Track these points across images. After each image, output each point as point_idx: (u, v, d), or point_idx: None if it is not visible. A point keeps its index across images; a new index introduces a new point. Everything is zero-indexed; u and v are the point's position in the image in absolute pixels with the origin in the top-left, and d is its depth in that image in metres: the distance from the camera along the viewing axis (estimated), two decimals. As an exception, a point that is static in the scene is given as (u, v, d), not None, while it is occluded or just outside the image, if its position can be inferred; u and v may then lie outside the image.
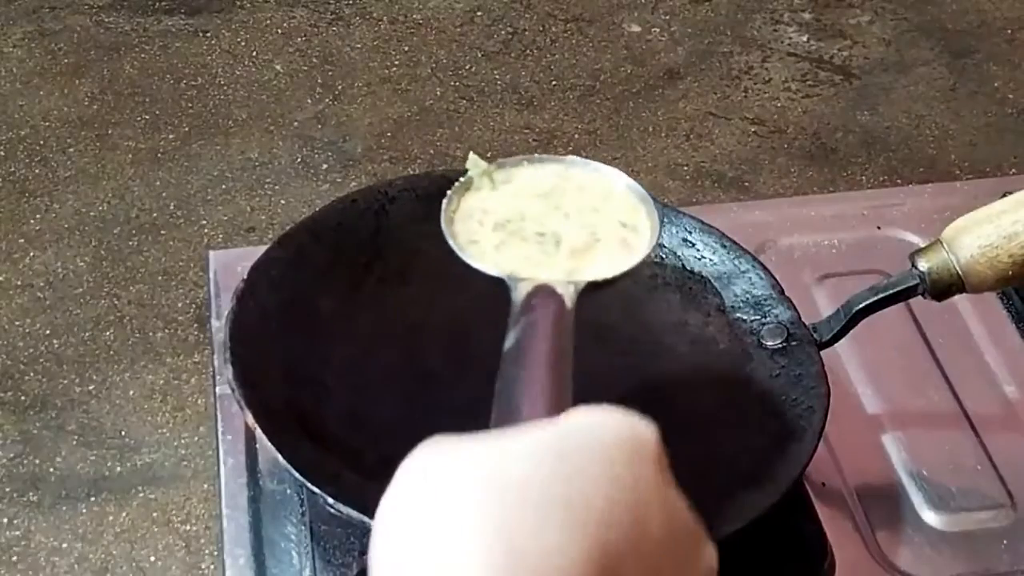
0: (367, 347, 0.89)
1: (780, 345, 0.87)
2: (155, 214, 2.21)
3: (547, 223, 0.77)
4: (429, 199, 0.96)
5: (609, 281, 0.72)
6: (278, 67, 2.53)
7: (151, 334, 2.00)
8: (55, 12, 2.65)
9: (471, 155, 0.79)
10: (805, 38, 2.63)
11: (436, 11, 2.68)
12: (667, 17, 2.68)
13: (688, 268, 0.94)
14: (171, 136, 2.37)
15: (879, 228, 1.08)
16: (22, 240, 2.16)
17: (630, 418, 0.49)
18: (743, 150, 2.36)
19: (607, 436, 0.48)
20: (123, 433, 1.87)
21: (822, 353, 0.87)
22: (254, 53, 2.56)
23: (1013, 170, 2.33)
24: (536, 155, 0.82)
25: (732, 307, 0.91)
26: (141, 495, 1.79)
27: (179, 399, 1.91)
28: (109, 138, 2.36)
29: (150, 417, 1.89)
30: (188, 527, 1.75)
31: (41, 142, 2.35)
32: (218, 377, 0.92)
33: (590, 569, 0.43)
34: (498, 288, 0.94)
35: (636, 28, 2.65)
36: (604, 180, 0.80)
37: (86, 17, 2.63)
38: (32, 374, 1.95)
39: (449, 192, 0.78)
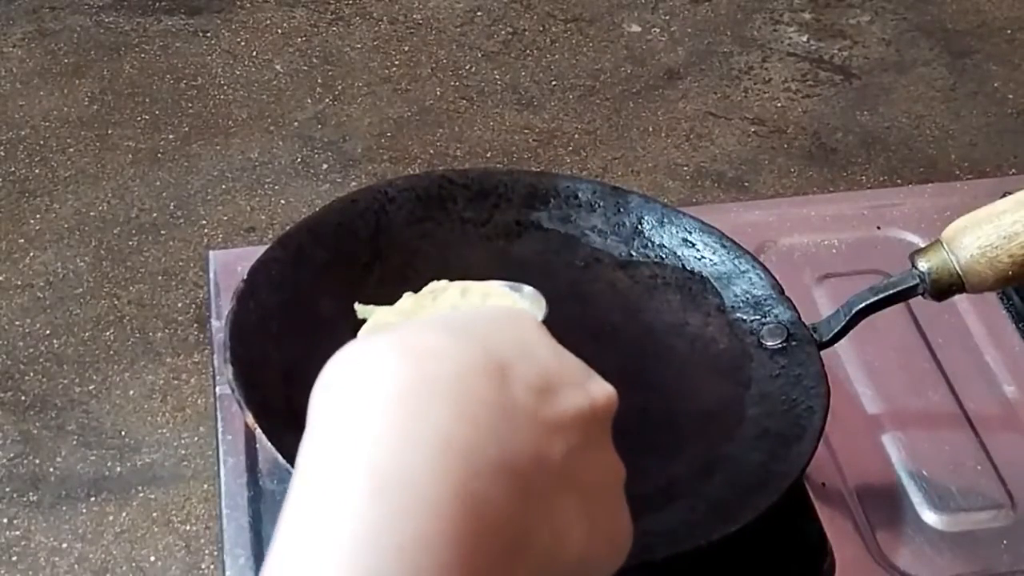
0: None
1: (780, 345, 0.87)
2: (155, 214, 2.21)
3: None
4: (429, 199, 0.96)
5: None
6: (278, 67, 2.53)
7: (151, 334, 2.01)
8: (55, 12, 2.65)
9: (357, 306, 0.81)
10: (805, 38, 2.63)
11: (436, 11, 2.68)
12: (667, 17, 2.68)
13: (688, 268, 0.94)
14: (171, 136, 2.37)
15: (879, 228, 1.07)
16: (22, 240, 2.16)
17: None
18: (743, 150, 2.36)
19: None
20: (123, 433, 1.87)
21: (822, 353, 0.86)
22: (254, 53, 2.56)
23: (1013, 170, 2.34)
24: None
25: (732, 307, 0.91)
26: (141, 495, 1.79)
27: (179, 399, 1.91)
28: (109, 138, 2.36)
29: (150, 417, 1.89)
30: (188, 527, 1.75)
31: (41, 142, 2.35)
32: (218, 377, 0.92)
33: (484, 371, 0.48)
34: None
35: (636, 28, 2.65)
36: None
37: (86, 17, 2.64)
38: (32, 374, 1.95)
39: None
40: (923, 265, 0.85)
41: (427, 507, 0.43)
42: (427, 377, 0.46)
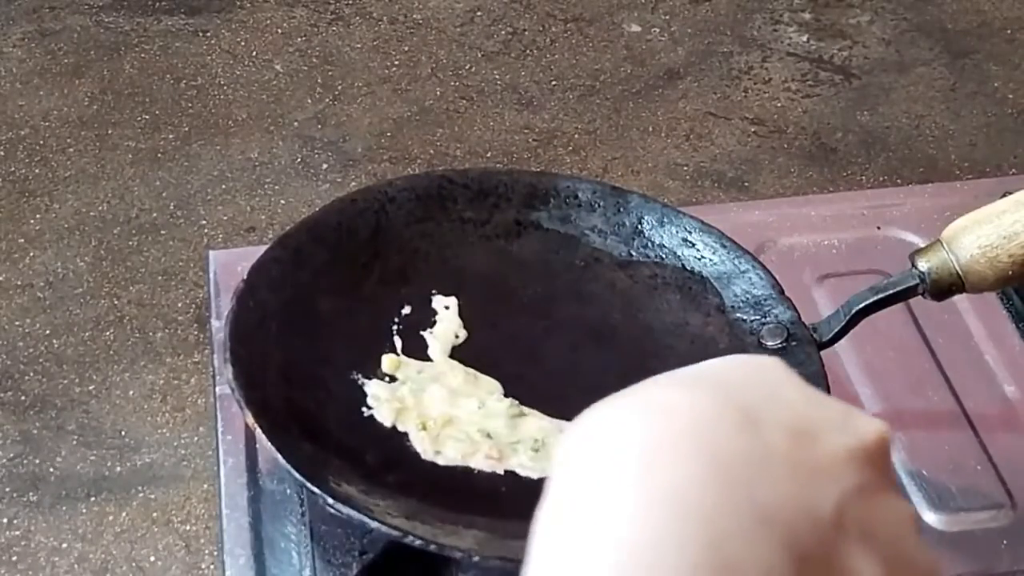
0: (367, 347, 0.89)
1: (780, 345, 0.87)
2: (155, 214, 2.21)
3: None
4: (429, 199, 0.96)
5: None
6: (278, 67, 2.53)
7: (151, 334, 2.00)
8: (55, 12, 2.65)
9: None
10: (805, 38, 2.63)
11: (436, 11, 2.68)
12: (667, 17, 2.68)
13: (688, 268, 0.94)
14: (171, 136, 2.37)
15: (879, 228, 1.07)
16: (22, 240, 2.16)
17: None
18: (743, 150, 2.36)
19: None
20: (123, 433, 1.87)
21: (822, 353, 0.86)
22: (254, 53, 2.56)
23: (1013, 170, 2.33)
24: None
25: (732, 307, 0.91)
26: (141, 495, 1.79)
27: (179, 399, 1.91)
28: (109, 138, 2.36)
29: (150, 417, 1.89)
30: (188, 527, 1.75)
31: (41, 142, 2.35)
32: (218, 377, 0.92)
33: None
34: (496, 289, 0.95)
35: (636, 28, 2.65)
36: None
37: (86, 17, 2.63)
38: (32, 374, 1.95)
39: None
40: (923, 265, 0.85)
41: None
42: (670, 435, 0.42)
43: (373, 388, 0.86)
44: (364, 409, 0.85)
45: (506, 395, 0.87)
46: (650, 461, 0.41)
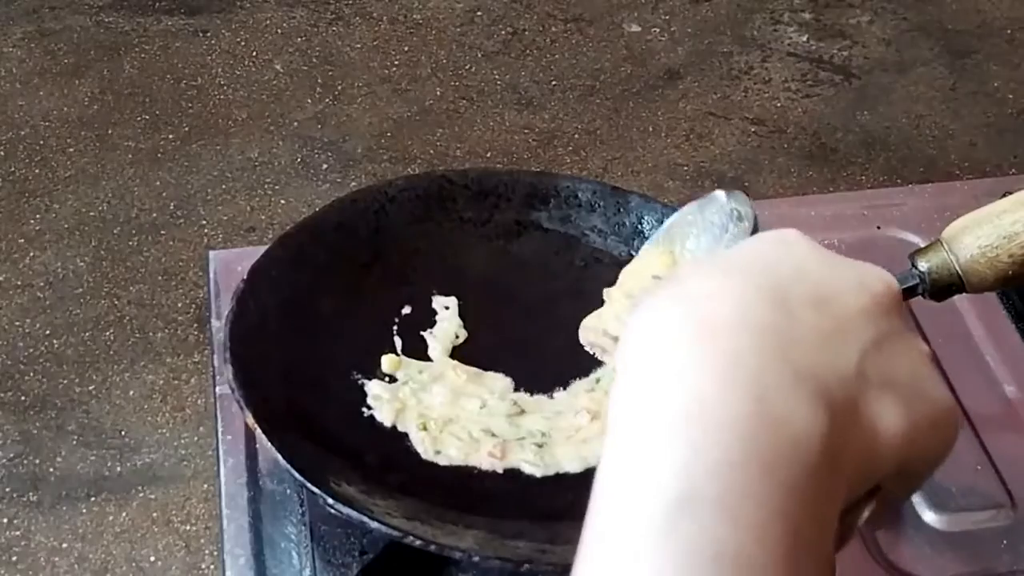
0: (367, 347, 0.89)
1: (780, 345, 0.87)
2: (155, 214, 2.21)
3: None
4: (429, 199, 0.96)
5: None
6: (278, 67, 2.53)
7: (151, 334, 2.01)
8: (55, 12, 2.65)
9: None
10: (805, 38, 2.63)
11: (436, 11, 2.68)
12: (667, 17, 2.68)
13: (688, 268, 0.94)
14: (171, 136, 2.37)
15: (879, 228, 1.07)
16: (22, 240, 2.16)
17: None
18: (743, 150, 2.36)
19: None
20: (123, 433, 1.87)
21: (822, 353, 0.86)
22: (254, 53, 2.56)
23: (1013, 170, 2.34)
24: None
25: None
26: (141, 495, 1.79)
27: (179, 399, 1.91)
28: (109, 138, 2.36)
29: (150, 417, 1.89)
30: (188, 527, 1.75)
31: (41, 142, 2.35)
32: (218, 377, 0.92)
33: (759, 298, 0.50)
34: (496, 289, 0.95)
35: (636, 28, 2.65)
36: None
37: (86, 17, 2.64)
38: (32, 374, 1.95)
39: None
40: (923, 265, 0.85)
41: (725, 435, 0.45)
42: (717, 315, 0.48)
43: (373, 388, 0.86)
44: (364, 409, 0.85)
45: (516, 390, 0.87)
46: (702, 335, 0.48)
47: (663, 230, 0.90)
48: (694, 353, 0.47)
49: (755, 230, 0.83)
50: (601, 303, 0.93)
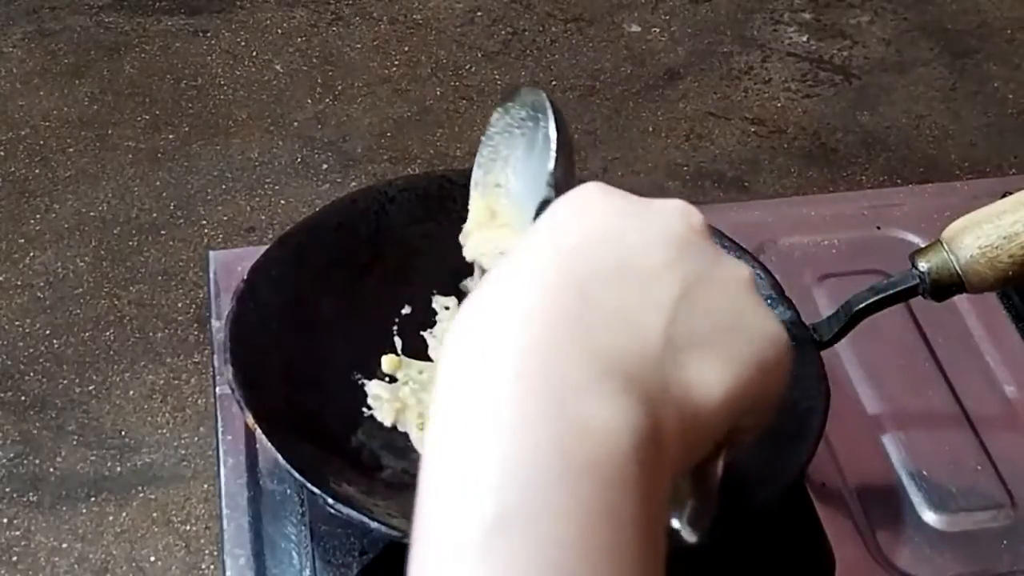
0: (367, 347, 0.89)
1: (780, 345, 0.87)
2: (155, 214, 2.21)
3: None
4: (429, 199, 0.96)
5: None
6: (278, 67, 2.53)
7: (151, 334, 2.00)
8: (55, 12, 2.65)
9: None
10: (805, 38, 2.63)
11: (436, 11, 2.68)
12: (667, 17, 2.68)
13: (688, 268, 0.93)
14: (171, 136, 2.37)
15: (879, 228, 1.07)
16: (22, 240, 2.16)
17: None
18: (743, 150, 2.36)
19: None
20: (123, 433, 1.87)
21: (822, 353, 0.86)
22: (254, 53, 2.56)
23: (1013, 170, 2.33)
24: None
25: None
26: (141, 495, 1.79)
27: (179, 399, 1.91)
28: (109, 138, 2.36)
29: (150, 417, 1.89)
30: (188, 527, 1.75)
31: (41, 142, 2.35)
32: (218, 377, 0.92)
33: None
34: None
35: (636, 28, 2.65)
36: None
37: (86, 17, 2.63)
38: (32, 374, 1.95)
39: None
40: (923, 265, 0.85)
41: (530, 444, 0.44)
42: (506, 320, 0.47)
43: (373, 388, 0.86)
44: (364, 409, 0.85)
45: None
46: (502, 336, 0.47)
47: (483, 152, 0.86)
48: (494, 359, 0.46)
49: (556, 115, 0.80)
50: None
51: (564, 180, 0.75)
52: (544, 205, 0.66)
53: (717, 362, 0.49)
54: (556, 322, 0.47)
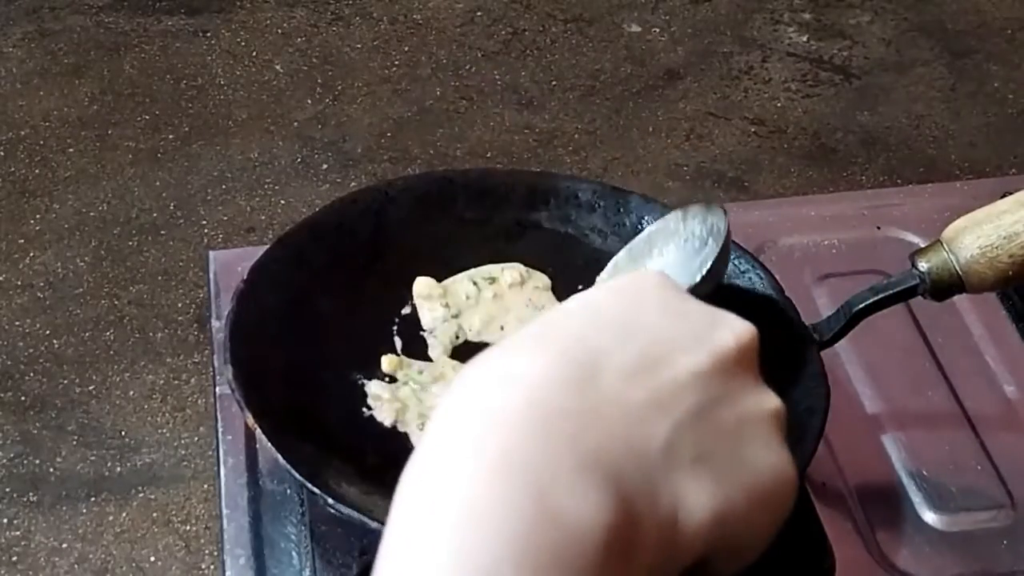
0: (367, 347, 0.89)
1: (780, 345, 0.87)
2: (155, 214, 2.21)
3: None
4: (429, 199, 0.96)
5: None
6: (278, 67, 2.53)
7: (151, 334, 2.01)
8: (55, 12, 2.65)
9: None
10: (805, 38, 2.63)
11: (436, 11, 2.68)
12: (667, 17, 2.68)
13: (688, 268, 0.93)
14: (171, 136, 2.37)
15: (879, 228, 1.07)
16: (22, 240, 2.16)
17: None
18: (743, 150, 2.36)
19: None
20: (123, 433, 1.87)
21: (822, 353, 0.86)
22: (254, 53, 2.56)
23: (1013, 170, 2.34)
24: None
25: (732, 307, 0.91)
26: (141, 495, 1.79)
27: (179, 399, 1.91)
28: (109, 138, 2.36)
29: (150, 417, 1.89)
30: (188, 527, 1.75)
31: (41, 142, 2.35)
32: (218, 377, 0.92)
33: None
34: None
35: (636, 28, 2.65)
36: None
37: (86, 17, 2.63)
38: (32, 374, 1.95)
39: None
40: (923, 265, 0.85)
41: (495, 536, 0.42)
42: (506, 405, 0.46)
43: (373, 388, 0.86)
44: (364, 409, 0.86)
45: None
46: (487, 431, 0.45)
47: (643, 237, 0.90)
48: (478, 448, 0.45)
49: (725, 247, 0.83)
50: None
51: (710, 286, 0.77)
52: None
53: (711, 485, 0.47)
54: (549, 416, 0.46)
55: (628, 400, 0.47)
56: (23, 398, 1.91)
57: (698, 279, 0.80)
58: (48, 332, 2.01)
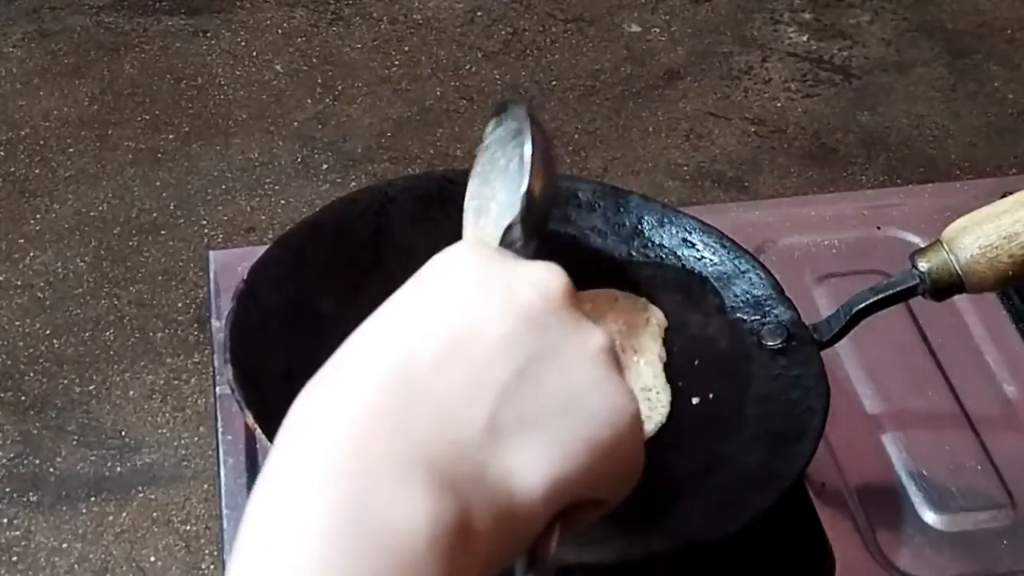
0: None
1: (780, 345, 0.87)
2: (155, 214, 2.21)
3: None
4: (429, 199, 0.96)
5: None
6: (278, 67, 2.53)
7: (151, 334, 2.00)
8: (55, 12, 2.65)
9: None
10: (805, 38, 2.63)
11: (436, 11, 2.68)
12: (667, 17, 2.68)
13: (688, 268, 0.94)
14: (171, 136, 2.37)
15: (879, 228, 1.08)
16: (22, 240, 2.16)
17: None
18: (743, 150, 2.36)
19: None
20: (123, 433, 1.87)
21: (822, 353, 0.86)
22: (254, 53, 2.56)
23: (1013, 170, 2.33)
24: None
25: (732, 307, 0.91)
26: (141, 495, 1.79)
27: (179, 399, 1.91)
28: (109, 138, 2.36)
29: (150, 417, 1.89)
30: (188, 527, 1.75)
31: (41, 142, 2.35)
32: (218, 377, 0.92)
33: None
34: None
35: (636, 28, 2.65)
36: None
37: (86, 17, 2.63)
38: (32, 374, 1.95)
39: None
40: (923, 265, 0.85)
41: (319, 546, 0.43)
42: (317, 416, 0.47)
43: None
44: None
45: None
46: (313, 451, 0.46)
47: (472, 182, 0.85)
48: (301, 471, 0.45)
49: (537, 158, 0.78)
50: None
51: (541, 199, 0.74)
52: (508, 230, 0.66)
53: (541, 449, 0.47)
54: (374, 417, 0.46)
55: (443, 389, 0.47)
56: (23, 398, 1.91)
57: (519, 208, 0.77)
58: (48, 332, 2.01)
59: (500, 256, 0.53)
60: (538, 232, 0.76)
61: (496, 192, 0.80)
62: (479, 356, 0.48)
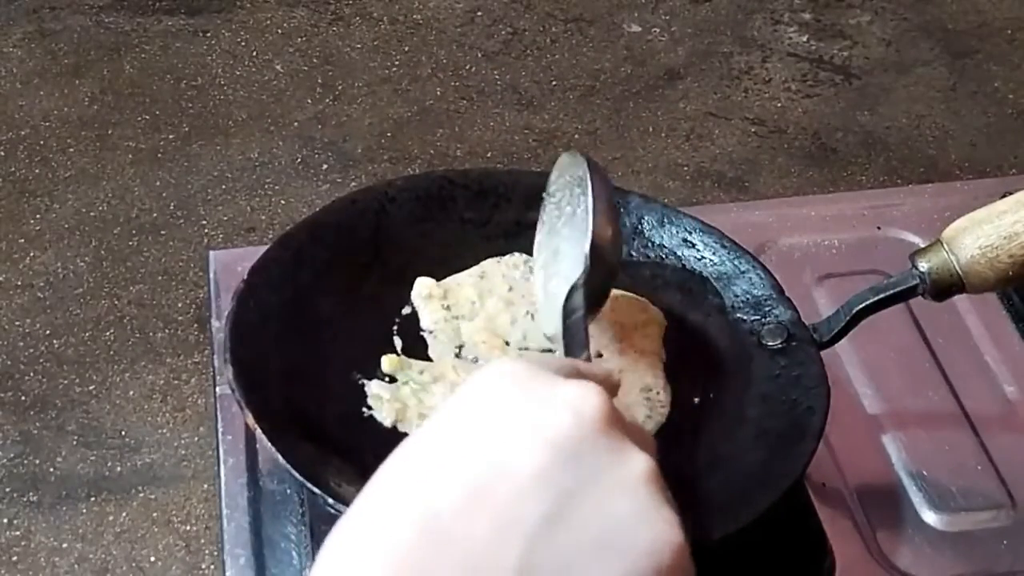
0: (367, 347, 0.89)
1: (780, 345, 0.87)
2: (155, 214, 2.21)
3: None
4: (429, 199, 0.96)
5: None
6: (278, 67, 2.53)
7: (151, 334, 2.01)
8: (55, 12, 2.65)
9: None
10: (805, 38, 2.63)
11: (436, 11, 2.68)
12: (667, 17, 2.68)
13: (688, 268, 0.94)
14: (171, 136, 2.37)
15: (879, 228, 1.07)
16: (22, 240, 2.16)
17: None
18: (743, 150, 2.36)
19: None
20: (123, 433, 1.87)
21: (822, 353, 0.86)
22: (254, 53, 2.56)
23: (1013, 170, 2.34)
24: None
25: (732, 307, 0.91)
26: (141, 495, 1.79)
27: (179, 399, 1.91)
28: (109, 138, 2.36)
29: (150, 417, 1.89)
30: (188, 527, 1.75)
31: (41, 142, 2.35)
32: (218, 377, 0.92)
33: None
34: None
35: (636, 28, 2.65)
36: None
37: (86, 17, 2.64)
38: (32, 374, 1.95)
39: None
40: (923, 265, 0.85)
41: None
42: (346, 568, 0.46)
43: (373, 388, 0.86)
44: (364, 409, 0.85)
45: None
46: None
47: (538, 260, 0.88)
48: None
49: (600, 210, 0.79)
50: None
51: (609, 250, 0.75)
52: (571, 294, 0.66)
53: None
54: (401, 573, 0.44)
55: (470, 535, 0.44)
56: (23, 398, 1.91)
57: (582, 269, 0.77)
58: (48, 332, 2.01)
59: (537, 375, 0.49)
60: (601, 300, 0.77)
61: (562, 242, 0.82)
62: (507, 496, 0.45)
